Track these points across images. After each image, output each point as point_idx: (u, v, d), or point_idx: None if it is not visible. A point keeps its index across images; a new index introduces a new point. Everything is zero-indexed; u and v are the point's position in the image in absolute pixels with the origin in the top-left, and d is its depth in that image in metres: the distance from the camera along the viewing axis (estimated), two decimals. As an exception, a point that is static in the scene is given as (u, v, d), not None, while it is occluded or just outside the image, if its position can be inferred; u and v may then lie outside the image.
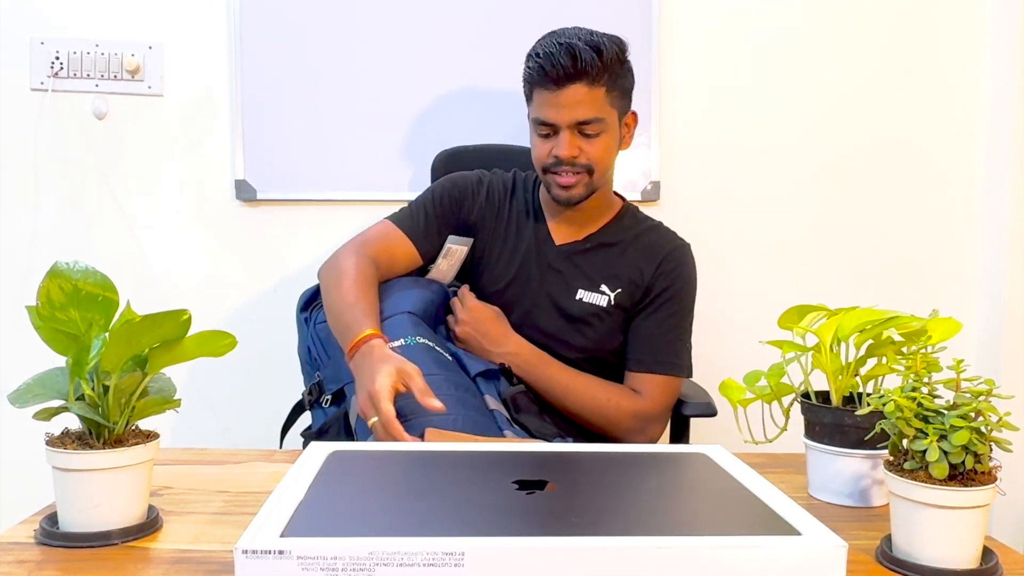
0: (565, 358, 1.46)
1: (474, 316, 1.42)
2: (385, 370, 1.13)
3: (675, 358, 1.46)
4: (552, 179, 1.43)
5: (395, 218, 1.50)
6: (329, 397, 1.30)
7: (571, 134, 1.38)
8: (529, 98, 1.45)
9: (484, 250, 1.52)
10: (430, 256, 1.50)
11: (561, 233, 1.51)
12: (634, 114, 1.48)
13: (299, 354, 1.44)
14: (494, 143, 1.88)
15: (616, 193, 1.57)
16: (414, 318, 1.33)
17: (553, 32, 1.40)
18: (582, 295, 1.47)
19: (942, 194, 2.09)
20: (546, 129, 1.41)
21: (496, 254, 1.51)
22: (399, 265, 1.47)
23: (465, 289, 1.48)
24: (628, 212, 1.55)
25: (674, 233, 1.54)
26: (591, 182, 1.43)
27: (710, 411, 1.49)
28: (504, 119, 1.94)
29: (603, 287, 1.47)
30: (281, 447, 1.37)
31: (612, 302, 1.46)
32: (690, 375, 1.49)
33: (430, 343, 1.29)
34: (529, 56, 1.40)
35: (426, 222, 1.49)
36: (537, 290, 1.48)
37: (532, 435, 1.26)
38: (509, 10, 1.96)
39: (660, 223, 1.56)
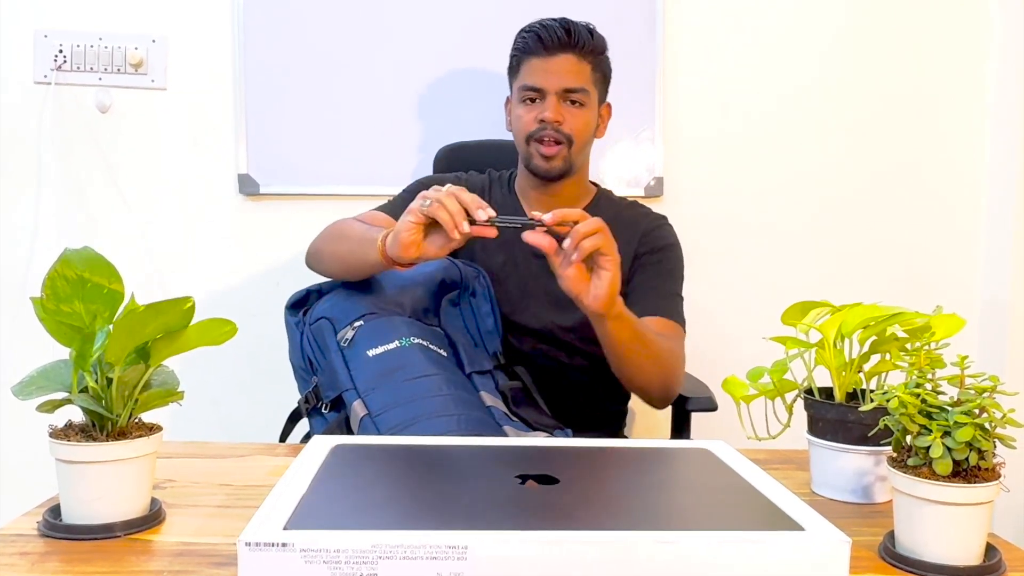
0: (560, 340, 1.48)
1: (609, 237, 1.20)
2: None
3: (678, 310, 1.48)
4: (535, 148, 1.46)
5: (379, 208, 1.54)
6: (328, 403, 1.28)
7: (557, 100, 1.44)
8: (515, 71, 1.49)
9: (468, 243, 1.51)
10: None
11: None
12: (608, 106, 1.54)
13: (291, 360, 1.39)
14: (496, 138, 1.88)
15: (592, 182, 1.60)
16: (406, 319, 1.32)
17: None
18: None
19: (946, 190, 2.09)
20: (533, 94, 1.45)
21: (480, 245, 1.49)
22: None
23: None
24: (603, 196, 1.59)
25: (650, 208, 1.59)
26: (569, 155, 1.46)
27: (711, 406, 1.49)
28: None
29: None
30: None
31: None
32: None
33: (424, 342, 1.28)
34: (522, 31, 1.47)
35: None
36: (524, 276, 1.50)
37: (531, 427, 1.26)
38: (512, 6, 1.96)
39: (636, 201, 1.61)
